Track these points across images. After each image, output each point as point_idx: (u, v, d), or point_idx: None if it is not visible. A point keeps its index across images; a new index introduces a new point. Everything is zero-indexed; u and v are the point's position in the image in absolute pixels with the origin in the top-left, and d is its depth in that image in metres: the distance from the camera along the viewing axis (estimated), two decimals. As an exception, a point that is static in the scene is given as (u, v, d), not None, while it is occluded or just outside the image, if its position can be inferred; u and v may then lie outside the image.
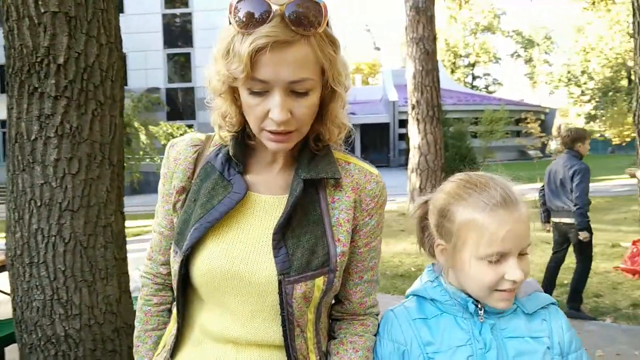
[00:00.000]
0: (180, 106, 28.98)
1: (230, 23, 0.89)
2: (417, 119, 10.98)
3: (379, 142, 36.16)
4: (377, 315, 1.12)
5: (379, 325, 1.11)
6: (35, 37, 2.14)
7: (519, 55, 58.14)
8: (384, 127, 35.12)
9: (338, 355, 1.04)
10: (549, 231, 4.72)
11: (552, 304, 1.06)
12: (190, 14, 28.93)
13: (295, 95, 0.90)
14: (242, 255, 0.97)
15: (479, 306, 1.02)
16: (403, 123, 30.58)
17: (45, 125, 2.17)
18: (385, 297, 5.26)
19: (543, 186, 4.76)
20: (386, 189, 1.07)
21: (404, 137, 30.32)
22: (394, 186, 20.33)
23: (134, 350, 1.16)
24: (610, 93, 36.50)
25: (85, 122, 2.24)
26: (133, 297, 2.47)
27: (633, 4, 5.86)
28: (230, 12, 0.88)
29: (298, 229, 0.97)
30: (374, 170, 1.06)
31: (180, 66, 29.58)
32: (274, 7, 0.85)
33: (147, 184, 19.82)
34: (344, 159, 1.06)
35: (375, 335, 1.09)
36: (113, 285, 2.32)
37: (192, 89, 28.89)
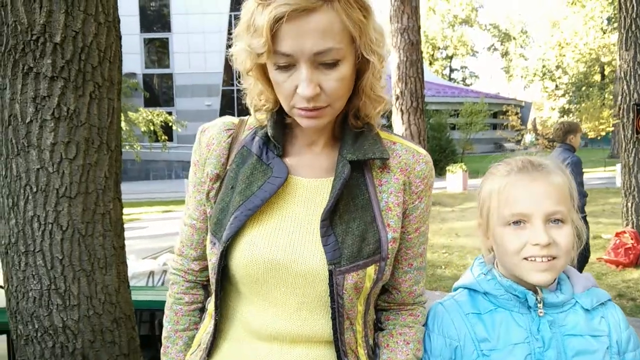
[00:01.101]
0: (158, 92, 28.47)
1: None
2: (401, 110, 11.00)
3: (358, 133, 36.28)
4: (425, 303, 1.08)
5: (427, 318, 1.07)
6: (31, 13, 2.02)
7: (495, 49, 58.85)
8: (363, 117, 35.21)
9: (388, 348, 1.00)
10: None
11: (609, 300, 1.04)
12: (167, -2, 28.34)
13: (323, 67, 0.84)
14: (287, 243, 0.91)
15: (538, 299, 0.98)
16: (383, 114, 30.70)
17: (41, 108, 2.06)
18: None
19: None
20: (434, 171, 1.02)
21: (386, 128, 30.47)
22: (374, 177, 20.50)
23: (162, 351, 1.09)
24: (584, 88, 37.25)
25: (83, 105, 2.14)
26: (132, 286, 2.40)
27: (619, 0, 5.95)
28: None
29: (346, 214, 0.91)
30: (421, 150, 1.00)
31: (158, 51, 29.02)
32: None
33: (125, 172, 19.45)
34: (389, 138, 1.00)
35: (423, 325, 1.05)
36: (112, 275, 2.24)
37: (170, 75, 28.38)
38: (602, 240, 6.78)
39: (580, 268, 4.46)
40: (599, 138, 24.53)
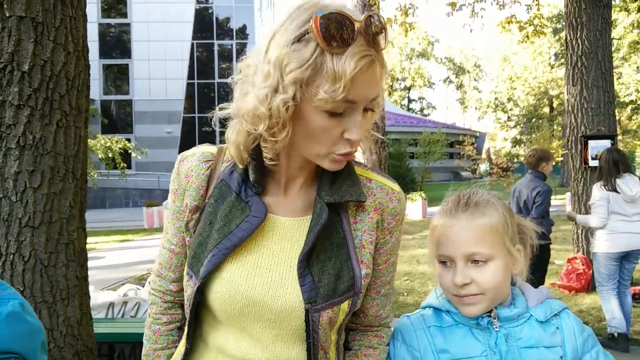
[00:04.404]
0: (117, 119, 27.94)
1: (306, 40, 0.82)
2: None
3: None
4: (390, 324, 1.13)
5: (394, 329, 1.13)
6: (-1, 41, 2.01)
7: (451, 81, 61.06)
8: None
9: None
10: None
11: (564, 309, 1.11)
12: (128, 24, 28.15)
13: (365, 112, 0.88)
14: (265, 281, 0.94)
15: (492, 315, 1.05)
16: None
17: (6, 136, 2.03)
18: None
19: (509, 204, 4.89)
20: (406, 205, 1.08)
21: (344, 157, 30.81)
22: (336, 204, 20.61)
23: None
24: (534, 119, 38.99)
25: (49, 133, 2.12)
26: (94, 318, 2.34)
27: (565, 38, 6.36)
28: (315, 28, 0.80)
29: (322, 254, 0.94)
30: (395, 186, 1.04)
31: (117, 77, 28.61)
32: (356, 24, 0.82)
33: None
34: (365, 175, 1.02)
35: (387, 345, 1.11)
36: (74, 306, 2.18)
37: (129, 102, 27.95)
38: (555, 266, 7.04)
39: None
40: (548, 167, 25.55)
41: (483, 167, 26.92)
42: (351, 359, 1.07)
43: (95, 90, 26.00)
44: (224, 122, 0.99)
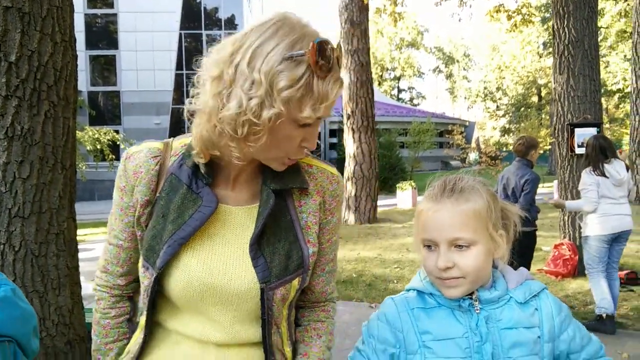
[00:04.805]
0: (105, 110, 27.67)
1: (298, 60, 0.89)
2: (352, 129, 11.24)
3: (309, 152, 36.45)
4: (336, 300, 1.21)
5: (380, 308, 1.17)
6: (-16, 32, 2.00)
7: (440, 71, 61.11)
8: (315, 136, 35.46)
9: (304, 342, 1.13)
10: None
11: (543, 290, 1.14)
12: (115, 15, 27.79)
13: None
14: (221, 267, 1.00)
15: (473, 298, 1.09)
16: (333, 133, 31.03)
17: (-6, 126, 2.03)
18: (329, 303, 5.33)
19: (495, 191, 4.89)
20: (344, 187, 1.15)
21: (334, 147, 30.76)
22: (326, 195, 20.63)
23: None
24: (523, 108, 39.22)
25: (37, 124, 2.12)
26: (86, 308, 2.36)
27: (553, 27, 6.40)
28: (312, 54, 0.88)
29: (272, 237, 1.02)
30: (334, 170, 1.13)
31: (104, 69, 28.29)
32: (335, 52, 0.92)
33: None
34: (305, 162, 1.10)
35: (334, 318, 1.19)
36: (65, 296, 2.20)
37: (117, 93, 27.69)
38: (542, 252, 7.14)
39: None
40: (537, 156, 25.78)
41: (472, 156, 27.08)
42: (301, 334, 1.15)
43: (82, 82, 25.68)
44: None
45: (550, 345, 1.09)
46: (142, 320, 1.08)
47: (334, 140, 31.31)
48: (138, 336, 1.08)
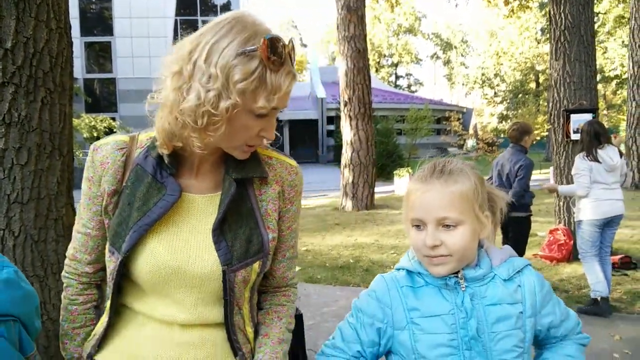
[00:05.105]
0: (101, 98, 27.54)
1: (251, 55, 0.96)
2: (349, 116, 11.24)
3: (307, 139, 36.40)
4: (297, 285, 1.29)
5: (371, 285, 1.22)
6: (-21, 18, 2.00)
7: (438, 57, 60.85)
8: (313, 123, 35.40)
9: (265, 324, 1.20)
10: None
11: (527, 266, 1.18)
12: (110, 0, 27.54)
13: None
14: (185, 251, 1.06)
15: (459, 276, 1.13)
16: (331, 120, 30.99)
17: (-9, 113, 2.04)
18: (327, 288, 5.39)
19: (490, 177, 4.90)
20: (303, 179, 1.22)
21: (332, 134, 30.73)
22: (324, 181, 20.65)
23: (61, 347, 1.19)
24: (520, 95, 39.18)
25: (34, 111, 2.13)
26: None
27: (549, 13, 6.39)
28: (263, 49, 0.95)
29: (234, 223, 1.08)
30: (293, 162, 1.20)
31: (99, 55, 28.09)
32: (287, 48, 0.99)
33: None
34: (266, 154, 1.17)
35: (294, 302, 1.25)
36: (65, 281, 2.23)
37: (112, 80, 27.55)
38: (538, 237, 7.21)
39: None
40: (534, 143, 25.82)
41: (470, 142, 27.10)
42: (263, 316, 1.21)
43: (78, 69, 25.52)
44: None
45: (532, 320, 1.14)
46: (107, 303, 1.13)
47: (332, 127, 31.28)
48: (104, 320, 1.13)
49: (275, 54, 0.96)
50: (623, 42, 23.78)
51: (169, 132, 1.03)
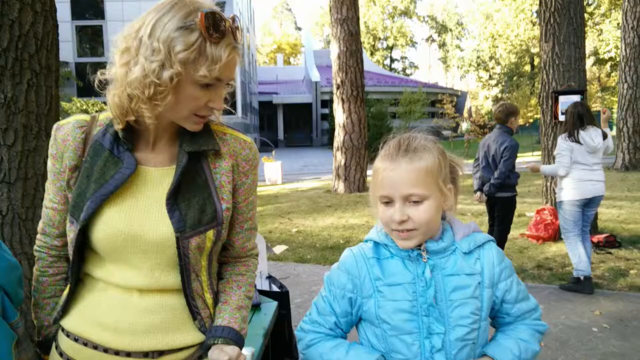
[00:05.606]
0: (93, 82, 27.36)
1: (191, 29, 1.03)
2: (342, 99, 11.24)
3: (301, 122, 36.35)
4: (257, 256, 1.35)
5: (340, 258, 1.29)
6: (-36, 1, 2.03)
7: (433, 40, 60.54)
8: (307, 107, 35.32)
9: (225, 292, 1.26)
10: (481, 201, 4.86)
11: (488, 241, 1.25)
12: (101, -16, 27.18)
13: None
14: (140, 219, 1.12)
15: (422, 248, 1.20)
16: (325, 103, 30.91)
17: (-22, 95, 2.08)
18: (317, 267, 5.49)
19: (477, 158, 4.91)
20: (258, 154, 1.29)
21: (326, 117, 30.68)
22: (318, 164, 20.72)
23: (33, 316, 1.26)
24: (515, 77, 39.14)
25: (20, 92, 2.17)
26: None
27: (539, -6, 6.39)
28: (201, 21, 1.03)
29: (187, 193, 1.15)
30: (247, 138, 1.26)
31: (91, 39, 27.82)
32: (227, 23, 1.06)
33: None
34: (220, 130, 1.23)
35: (254, 272, 1.32)
36: (55, 258, 2.29)
37: (104, 64, 27.33)
38: (526, 218, 7.31)
39: (501, 243, 4.79)
40: (527, 125, 25.94)
41: (465, 125, 27.15)
42: (223, 285, 1.27)
43: (69, 53, 25.28)
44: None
45: (490, 290, 1.22)
46: (70, 270, 1.19)
47: (326, 111, 31.21)
48: (67, 288, 1.20)
49: (214, 28, 1.03)
50: (618, 24, 23.74)
51: (120, 106, 1.09)
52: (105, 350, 1.13)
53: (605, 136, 4.47)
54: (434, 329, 1.16)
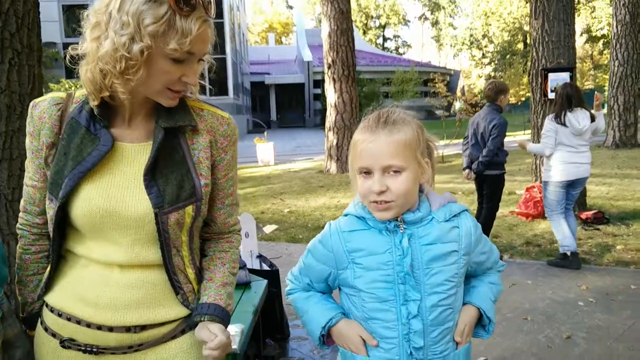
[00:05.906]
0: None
1: (160, 1, 1.02)
2: (333, 78, 11.18)
3: (294, 103, 36.14)
4: (239, 231, 1.35)
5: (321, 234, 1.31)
6: (-60, -22, 1.99)
7: (426, 18, 60.03)
8: (299, 87, 35.08)
9: (209, 270, 1.27)
10: (469, 179, 4.89)
11: (464, 211, 1.28)
12: (87, -38, 26.60)
13: (197, 62, 1.13)
14: (119, 195, 1.13)
15: (399, 220, 1.21)
16: (318, 83, 30.70)
17: (-42, 75, 2.06)
18: (307, 247, 5.52)
19: (467, 136, 4.92)
20: (237, 129, 1.27)
21: (319, 98, 30.51)
22: (310, 145, 20.68)
23: (17, 292, 1.28)
24: (508, 56, 39.00)
25: (2, 72, 2.15)
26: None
27: (529, -30, 6.33)
28: None
29: (165, 169, 1.15)
30: (225, 114, 1.25)
31: (79, 19, 27.31)
32: None
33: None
34: (197, 106, 1.23)
35: (238, 249, 1.33)
36: (42, 239, 2.30)
37: (93, 45, 26.93)
38: (516, 195, 7.37)
39: (489, 220, 4.83)
40: (519, 104, 25.94)
41: (458, 105, 27.11)
42: (207, 263, 1.28)
43: (57, 33, 24.82)
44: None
45: (466, 257, 1.25)
46: (50, 247, 1.20)
47: (318, 91, 31.03)
48: (49, 265, 1.21)
49: (184, 1, 1.02)
50: (611, 1, 23.62)
51: (93, 81, 1.08)
52: (88, 325, 1.14)
53: (593, 119, 4.46)
54: (410, 296, 1.19)
